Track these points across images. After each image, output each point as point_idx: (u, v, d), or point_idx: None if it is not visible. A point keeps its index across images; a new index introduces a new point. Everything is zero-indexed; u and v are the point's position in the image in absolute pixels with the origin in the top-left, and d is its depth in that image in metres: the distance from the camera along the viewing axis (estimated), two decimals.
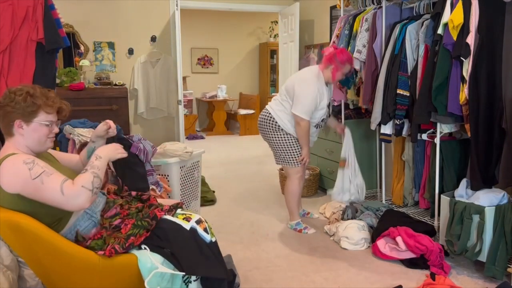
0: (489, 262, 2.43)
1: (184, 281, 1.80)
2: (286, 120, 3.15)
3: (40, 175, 1.62)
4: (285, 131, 3.16)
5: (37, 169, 1.63)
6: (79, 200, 1.63)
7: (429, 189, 3.14)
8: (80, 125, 2.49)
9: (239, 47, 9.18)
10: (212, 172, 5.19)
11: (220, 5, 5.76)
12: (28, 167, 1.62)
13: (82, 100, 4.48)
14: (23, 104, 1.71)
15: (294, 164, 3.20)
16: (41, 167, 1.64)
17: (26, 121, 1.73)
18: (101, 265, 1.70)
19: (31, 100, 1.73)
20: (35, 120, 1.74)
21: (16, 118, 1.72)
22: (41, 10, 2.68)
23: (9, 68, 2.63)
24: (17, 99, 1.71)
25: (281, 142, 3.19)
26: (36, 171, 1.62)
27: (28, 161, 1.64)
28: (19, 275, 1.68)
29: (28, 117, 1.73)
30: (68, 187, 1.62)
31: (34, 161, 1.65)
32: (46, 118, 1.77)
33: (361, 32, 3.44)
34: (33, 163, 1.64)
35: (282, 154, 3.22)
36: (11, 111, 1.71)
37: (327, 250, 2.95)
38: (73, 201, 1.62)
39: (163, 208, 1.96)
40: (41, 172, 1.62)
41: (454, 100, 2.65)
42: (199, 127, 9.05)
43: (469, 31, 2.52)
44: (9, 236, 1.62)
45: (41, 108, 1.75)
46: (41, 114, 1.75)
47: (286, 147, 3.19)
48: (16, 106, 1.71)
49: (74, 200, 1.62)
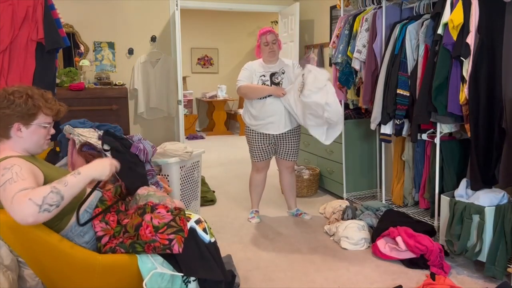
0: (489, 262, 2.43)
1: (183, 281, 1.80)
2: (243, 113, 3.49)
3: (6, 181, 1.51)
4: (246, 126, 3.46)
5: (7, 175, 1.53)
6: (22, 213, 1.43)
7: (429, 189, 3.14)
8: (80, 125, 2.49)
9: (239, 47, 9.18)
10: (212, 172, 5.19)
11: (220, 5, 5.76)
12: (2, 173, 1.54)
13: (82, 100, 4.48)
14: (24, 106, 1.67)
15: (252, 157, 3.49)
16: (13, 173, 1.54)
17: (25, 124, 1.70)
18: (101, 265, 1.70)
19: (32, 103, 1.69)
20: (34, 123, 1.72)
21: (15, 121, 1.68)
22: (41, 10, 2.68)
23: (9, 68, 2.63)
24: (17, 102, 1.67)
25: (246, 136, 3.51)
26: (5, 178, 1.52)
27: (8, 166, 1.56)
28: (19, 275, 1.68)
29: (27, 120, 1.70)
30: (18, 197, 1.46)
31: (12, 166, 1.56)
32: (45, 120, 1.75)
33: (361, 32, 3.44)
34: (8, 169, 1.55)
35: (248, 146, 3.53)
36: (10, 114, 1.66)
37: (327, 250, 2.95)
38: (15, 213, 1.45)
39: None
40: (8, 178, 1.52)
41: (454, 100, 2.65)
42: (199, 127, 9.05)
43: (469, 31, 2.52)
44: (9, 236, 1.62)
45: (41, 110, 1.72)
46: (40, 116, 1.73)
47: (248, 140, 3.48)
48: (16, 108, 1.66)
49: (16, 212, 1.44)
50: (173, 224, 1.78)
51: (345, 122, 3.89)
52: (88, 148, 2.36)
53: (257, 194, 3.62)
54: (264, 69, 3.33)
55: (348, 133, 3.93)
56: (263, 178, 3.58)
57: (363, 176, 4.06)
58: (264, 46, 3.31)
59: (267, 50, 3.30)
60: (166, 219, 1.79)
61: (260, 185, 3.59)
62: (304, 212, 3.64)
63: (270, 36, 3.29)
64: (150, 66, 5.34)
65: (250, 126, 3.40)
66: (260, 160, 3.46)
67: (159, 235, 1.74)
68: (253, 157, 3.48)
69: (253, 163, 3.53)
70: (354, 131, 3.98)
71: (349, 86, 3.67)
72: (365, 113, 3.95)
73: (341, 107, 3.28)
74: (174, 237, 1.74)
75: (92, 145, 2.35)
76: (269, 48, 3.29)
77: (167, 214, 1.82)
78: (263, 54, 3.36)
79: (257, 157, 3.45)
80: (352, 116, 3.97)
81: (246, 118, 3.43)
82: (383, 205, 3.40)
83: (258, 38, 3.38)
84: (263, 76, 3.31)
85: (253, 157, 3.48)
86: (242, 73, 3.35)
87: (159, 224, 1.77)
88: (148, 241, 1.72)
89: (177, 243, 1.73)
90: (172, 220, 1.79)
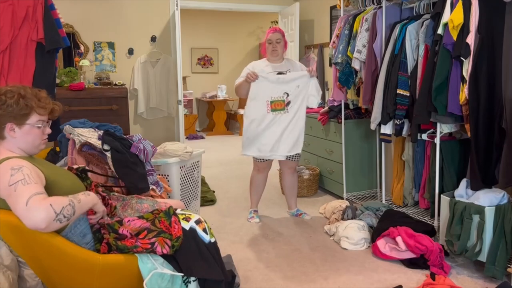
0: (489, 262, 2.43)
1: (183, 281, 1.80)
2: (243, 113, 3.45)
3: (17, 182, 1.52)
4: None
5: (18, 175, 1.53)
6: (38, 216, 1.44)
7: (429, 189, 3.14)
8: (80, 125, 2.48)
9: (239, 47, 9.18)
10: (212, 172, 5.19)
11: (220, 5, 5.76)
12: (11, 173, 1.55)
13: (82, 100, 4.48)
14: (16, 107, 1.66)
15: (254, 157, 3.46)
16: (23, 174, 1.54)
17: (18, 124, 1.69)
18: (101, 265, 1.70)
19: (24, 103, 1.68)
20: (27, 123, 1.70)
21: (8, 121, 1.67)
22: (41, 10, 2.68)
23: (9, 68, 2.63)
24: (9, 102, 1.65)
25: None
26: (16, 178, 1.53)
27: (16, 167, 1.57)
28: (19, 275, 1.68)
29: (20, 120, 1.69)
30: (35, 200, 1.47)
31: (21, 168, 1.57)
32: (38, 119, 1.74)
33: (361, 32, 3.44)
34: (18, 170, 1.56)
35: None
36: (2, 114, 1.65)
37: (327, 250, 2.95)
38: (32, 215, 1.45)
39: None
40: (19, 179, 1.52)
41: (454, 100, 2.65)
42: (199, 127, 9.05)
43: (469, 31, 2.52)
44: (9, 236, 1.62)
45: (33, 110, 1.71)
46: (33, 116, 1.71)
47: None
48: (7, 109, 1.65)
49: (33, 214, 1.45)
50: (153, 227, 1.77)
51: (345, 122, 3.89)
52: (88, 148, 2.36)
53: (257, 194, 3.62)
54: (271, 68, 3.34)
55: (348, 133, 3.93)
56: (264, 178, 3.58)
57: (363, 176, 4.06)
58: (268, 44, 3.35)
59: (270, 48, 3.33)
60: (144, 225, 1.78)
61: (261, 185, 3.59)
62: (304, 212, 3.64)
63: (275, 35, 3.32)
64: (150, 66, 5.34)
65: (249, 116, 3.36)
66: (262, 160, 3.45)
67: (140, 241, 1.73)
68: (255, 157, 3.48)
69: (255, 163, 3.53)
70: (354, 131, 3.98)
71: (349, 86, 3.67)
72: (365, 113, 3.95)
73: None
74: (155, 240, 1.74)
75: (92, 145, 2.35)
76: (272, 46, 3.32)
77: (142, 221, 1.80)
78: (267, 52, 3.39)
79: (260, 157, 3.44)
80: (352, 116, 3.97)
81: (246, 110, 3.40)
82: (383, 205, 3.40)
83: (266, 35, 3.41)
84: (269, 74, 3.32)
85: (255, 157, 3.48)
86: (242, 73, 3.37)
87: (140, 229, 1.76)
88: (131, 247, 1.72)
89: (159, 245, 1.73)
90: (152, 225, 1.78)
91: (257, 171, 3.54)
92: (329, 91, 5.02)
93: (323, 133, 4.25)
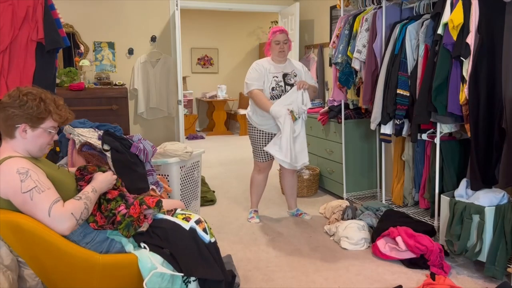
0: (489, 262, 2.43)
1: (183, 281, 1.80)
2: (250, 113, 3.43)
3: (31, 190, 1.58)
4: (252, 126, 3.42)
5: (29, 182, 1.59)
6: (64, 225, 1.61)
7: (429, 189, 3.14)
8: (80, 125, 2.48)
9: (239, 47, 9.18)
10: (212, 172, 5.19)
11: (220, 5, 5.76)
12: (21, 178, 1.58)
13: (82, 100, 4.48)
14: (36, 109, 1.68)
15: (256, 157, 3.48)
16: (34, 180, 1.60)
17: (32, 126, 1.70)
18: (101, 265, 1.70)
19: (44, 107, 1.70)
20: (41, 126, 1.72)
21: (22, 122, 1.69)
22: (41, 10, 2.68)
23: (9, 68, 2.62)
24: (30, 104, 1.68)
25: (250, 136, 3.48)
26: (28, 185, 1.59)
27: (22, 171, 1.60)
28: (19, 275, 1.68)
29: (35, 123, 1.70)
30: (57, 210, 1.60)
31: (28, 172, 1.61)
32: (52, 125, 1.76)
33: (361, 32, 3.44)
34: (26, 175, 1.60)
35: (252, 147, 3.50)
36: (19, 114, 1.67)
37: (327, 250, 2.95)
38: (56, 224, 1.60)
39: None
40: (32, 187, 1.59)
41: (454, 100, 2.65)
42: (199, 127, 9.05)
43: (469, 31, 2.52)
44: (9, 236, 1.62)
45: (51, 115, 1.73)
46: (48, 121, 1.74)
47: (252, 140, 3.46)
48: (27, 110, 1.67)
49: (58, 224, 1.60)
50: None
51: (345, 122, 3.89)
52: (88, 148, 2.36)
53: (257, 194, 3.62)
54: (276, 69, 3.32)
55: (348, 133, 3.93)
56: (265, 179, 3.58)
57: (363, 176, 4.06)
58: (275, 44, 3.31)
59: (277, 49, 3.30)
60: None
61: (261, 185, 3.59)
62: (304, 212, 3.64)
63: (282, 35, 3.30)
64: (150, 66, 5.34)
65: (258, 126, 3.37)
66: (264, 161, 3.45)
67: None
68: (257, 157, 3.47)
69: (256, 163, 3.52)
70: (354, 131, 3.98)
71: (349, 86, 3.67)
72: (365, 113, 3.95)
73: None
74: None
75: (92, 145, 2.35)
76: (279, 47, 3.30)
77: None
78: (272, 52, 3.35)
79: (261, 157, 3.43)
80: (352, 116, 3.97)
81: (254, 118, 3.38)
82: (383, 205, 3.40)
83: (269, 36, 3.38)
84: (276, 77, 3.29)
85: (256, 157, 3.47)
86: (252, 75, 3.31)
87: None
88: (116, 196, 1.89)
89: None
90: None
91: (257, 171, 3.54)
92: (329, 91, 5.02)
93: (323, 133, 4.25)
